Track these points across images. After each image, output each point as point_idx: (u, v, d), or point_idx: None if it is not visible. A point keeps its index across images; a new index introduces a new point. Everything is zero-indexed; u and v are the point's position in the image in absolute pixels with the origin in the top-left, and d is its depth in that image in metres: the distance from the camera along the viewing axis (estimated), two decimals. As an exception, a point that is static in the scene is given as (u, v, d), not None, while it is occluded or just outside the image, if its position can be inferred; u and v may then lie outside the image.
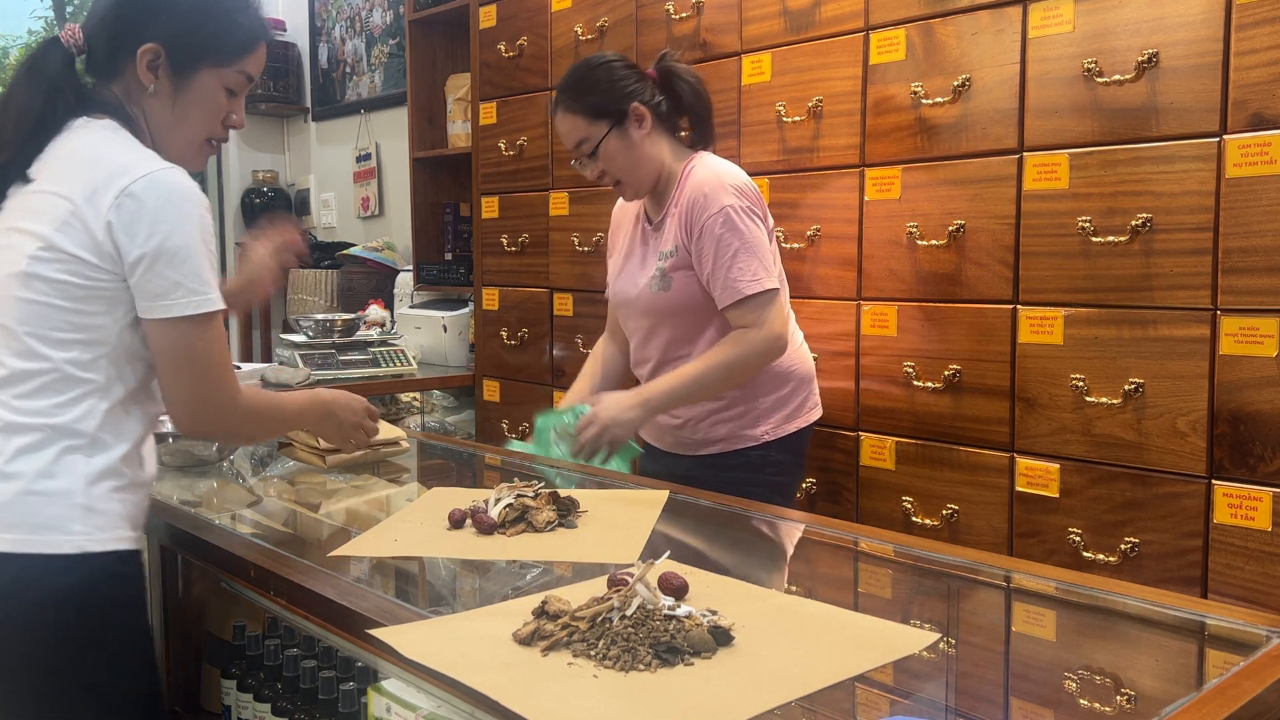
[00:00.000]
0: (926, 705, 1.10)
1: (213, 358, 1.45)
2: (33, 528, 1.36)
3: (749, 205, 2.09)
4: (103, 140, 1.47)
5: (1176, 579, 1.94)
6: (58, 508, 1.37)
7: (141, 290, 1.41)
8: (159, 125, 1.54)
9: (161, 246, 1.39)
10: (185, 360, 1.44)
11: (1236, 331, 1.86)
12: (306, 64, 5.26)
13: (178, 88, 1.53)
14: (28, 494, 1.37)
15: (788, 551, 1.72)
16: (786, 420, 2.20)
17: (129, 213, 1.39)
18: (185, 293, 1.41)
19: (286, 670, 1.61)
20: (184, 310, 1.41)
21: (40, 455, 1.38)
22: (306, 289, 4.58)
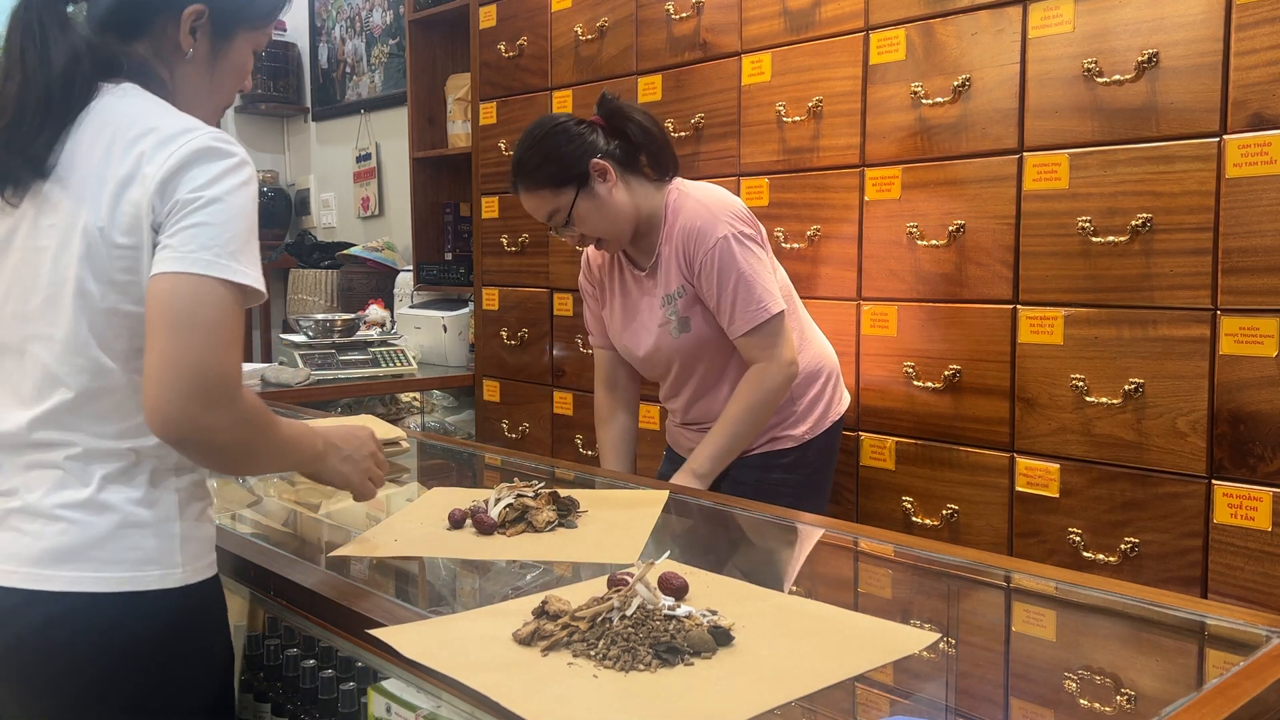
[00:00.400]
0: (926, 705, 1.10)
1: (220, 330, 1.17)
2: (135, 563, 1.23)
3: (741, 231, 2.06)
4: (138, 107, 1.27)
5: (1176, 579, 1.94)
6: (158, 540, 1.25)
7: (160, 245, 1.19)
8: (191, 92, 1.36)
9: (193, 194, 1.19)
10: (185, 323, 1.16)
11: (1236, 331, 1.86)
12: (306, 64, 5.26)
13: (216, 52, 1.37)
14: (127, 527, 1.23)
15: (787, 551, 1.72)
16: (822, 417, 2.21)
17: (173, 167, 1.20)
18: (214, 253, 1.17)
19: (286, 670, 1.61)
20: (201, 268, 1.17)
21: (132, 483, 1.25)
22: (306, 289, 4.58)
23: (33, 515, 1.23)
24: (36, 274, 1.24)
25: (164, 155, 1.20)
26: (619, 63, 2.94)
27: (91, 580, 1.21)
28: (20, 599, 1.21)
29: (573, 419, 3.15)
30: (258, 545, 1.60)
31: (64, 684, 1.23)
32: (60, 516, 1.22)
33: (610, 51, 2.96)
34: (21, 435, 1.25)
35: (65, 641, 1.21)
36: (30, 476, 1.24)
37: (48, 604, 1.21)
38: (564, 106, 3.11)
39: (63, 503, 1.23)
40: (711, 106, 2.70)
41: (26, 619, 1.21)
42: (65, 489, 1.23)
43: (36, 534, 1.22)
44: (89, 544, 1.22)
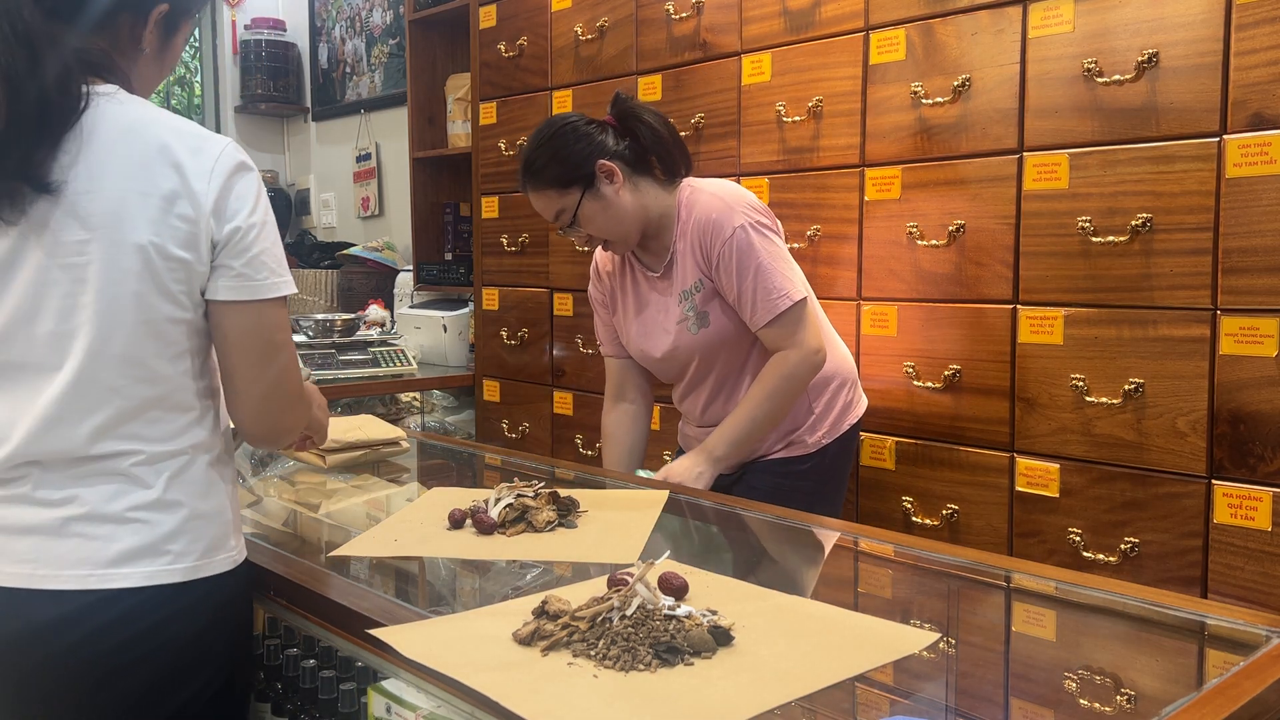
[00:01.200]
0: (926, 705, 1.10)
1: (291, 343, 1.35)
2: (203, 552, 1.31)
3: (758, 220, 2.05)
4: (148, 116, 1.28)
5: (1176, 579, 1.94)
6: (219, 527, 1.33)
7: (227, 269, 1.27)
8: (143, 84, 1.37)
9: (250, 221, 1.28)
10: (269, 349, 1.31)
11: (1236, 331, 1.86)
12: (306, 64, 5.26)
13: (164, 46, 1.38)
14: (194, 519, 1.30)
15: (787, 551, 1.72)
16: (838, 421, 2.19)
17: (224, 187, 1.26)
18: (269, 273, 1.29)
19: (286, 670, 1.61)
20: (271, 292, 1.29)
21: (192, 478, 1.31)
22: (306, 289, 4.58)
23: (101, 520, 1.26)
24: (71, 292, 1.22)
25: (204, 169, 1.25)
26: (619, 63, 2.94)
27: (168, 573, 1.28)
28: (95, 599, 1.25)
29: (573, 419, 3.15)
30: (258, 545, 1.60)
31: (142, 672, 1.28)
32: (132, 519, 1.27)
33: (610, 51, 2.96)
34: (79, 449, 1.26)
35: (146, 631, 1.27)
36: (91, 485, 1.26)
37: (127, 599, 1.26)
38: (564, 106, 3.11)
39: (132, 505, 1.27)
40: (711, 106, 2.70)
41: (105, 616, 1.25)
42: (132, 493, 1.28)
43: (108, 537, 1.26)
44: (162, 539, 1.28)
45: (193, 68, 5.51)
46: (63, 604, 1.23)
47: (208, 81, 5.36)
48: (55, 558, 1.24)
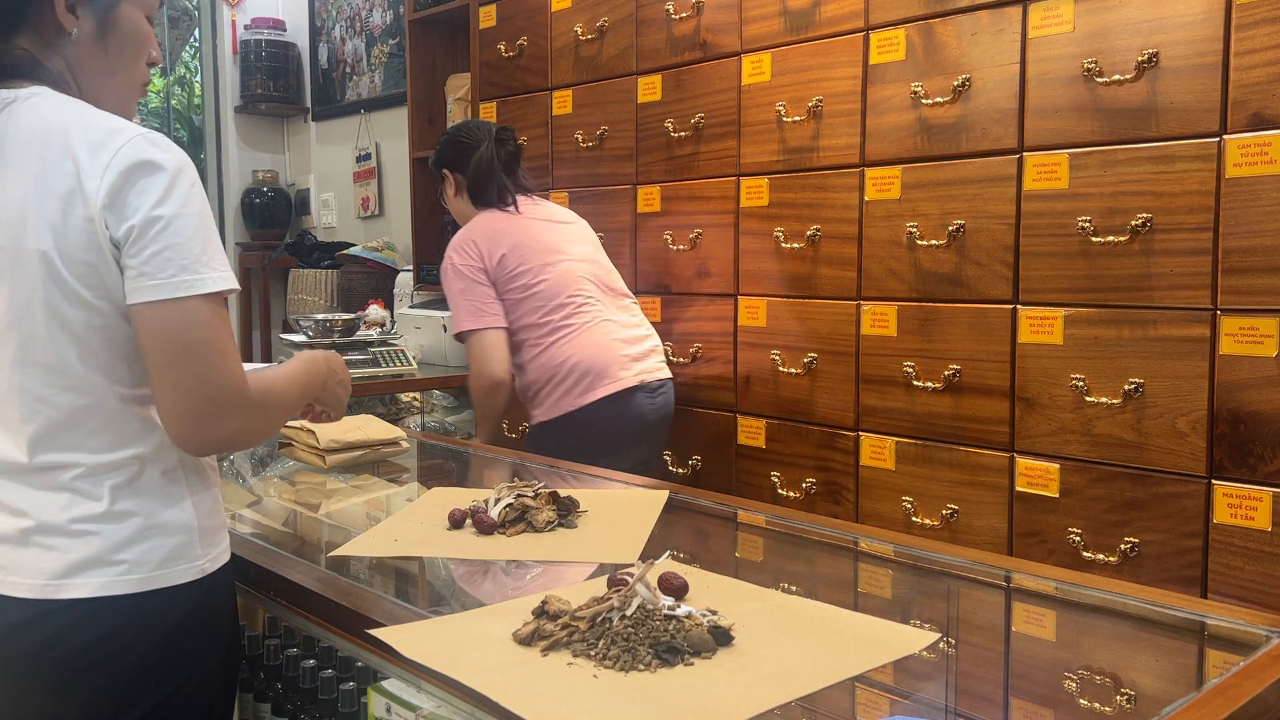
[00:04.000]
0: (926, 705, 1.10)
1: (215, 344, 1.22)
2: (160, 563, 1.27)
3: (461, 261, 2.65)
4: (56, 113, 1.23)
5: (1176, 579, 1.94)
6: (180, 537, 1.29)
7: (129, 269, 1.20)
8: (91, 76, 1.31)
9: (150, 215, 1.19)
10: (183, 351, 1.21)
11: (1236, 331, 1.86)
12: (306, 64, 5.26)
13: (103, 26, 1.30)
14: (149, 529, 1.27)
15: (788, 551, 1.72)
16: (552, 407, 2.63)
17: (116, 183, 1.19)
18: (178, 269, 1.20)
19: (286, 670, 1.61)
20: (180, 290, 1.20)
21: (144, 488, 1.27)
22: (306, 289, 4.58)
23: (52, 532, 1.25)
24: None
25: (100, 166, 1.19)
26: (619, 63, 2.94)
27: (120, 583, 1.25)
28: (51, 607, 1.24)
29: (573, 419, 3.15)
30: (258, 545, 1.60)
31: (98, 679, 1.25)
32: (82, 531, 1.25)
33: (610, 51, 2.96)
34: (22, 461, 1.26)
35: (100, 639, 1.24)
36: (40, 498, 1.26)
37: (79, 608, 1.24)
38: (564, 106, 3.11)
39: (79, 517, 1.25)
40: (711, 106, 2.70)
41: (59, 623, 1.24)
42: (78, 505, 1.25)
43: (62, 548, 1.25)
44: (114, 549, 1.25)
45: (193, 68, 5.52)
46: (25, 610, 1.24)
47: (208, 81, 5.36)
48: (20, 565, 1.25)
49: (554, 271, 2.66)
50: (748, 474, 2.65)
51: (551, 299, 2.66)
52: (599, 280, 2.73)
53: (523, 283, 2.66)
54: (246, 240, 5.33)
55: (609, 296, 2.73)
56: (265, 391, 1.31)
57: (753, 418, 2.64)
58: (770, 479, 2.59)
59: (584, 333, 2.66)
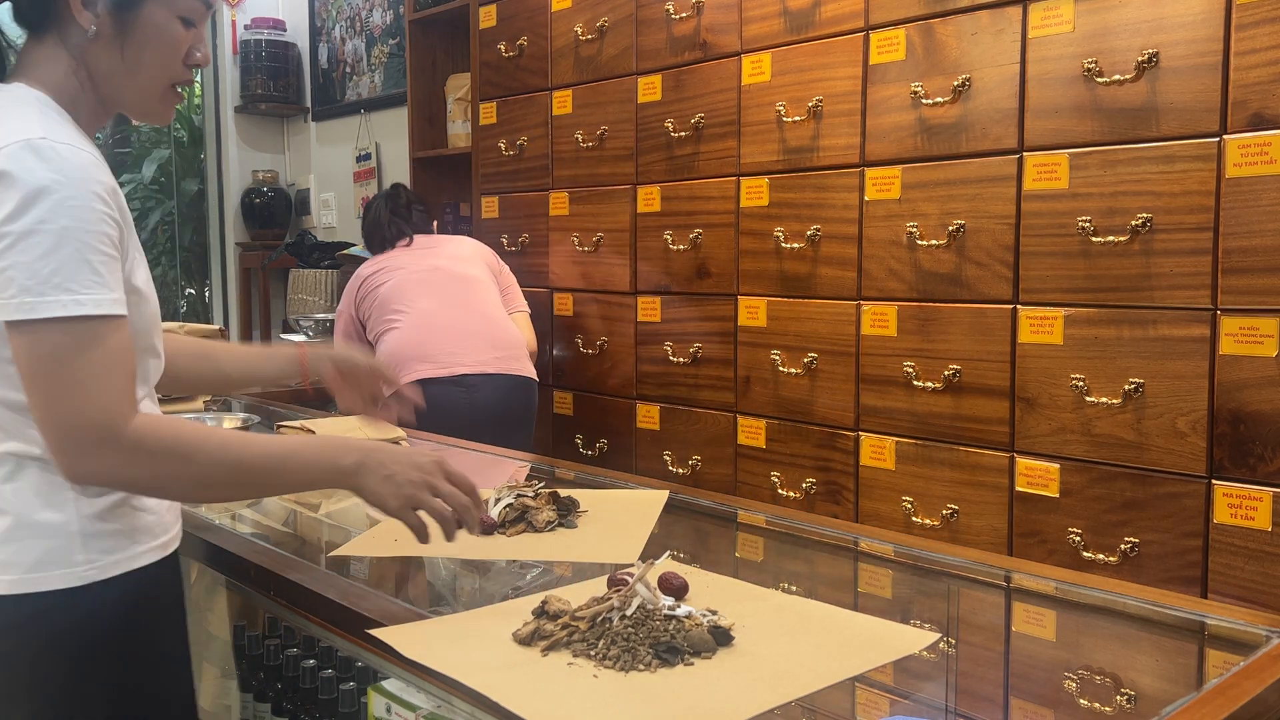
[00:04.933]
0: (926, 705, 1.10)
1: (64, 372, 1.12)
2: (31, 565, 1.20)
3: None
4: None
5: (1176, 579, 1.94)
6: (55, 540, 1.21)
7: None
8: (108, 75, 1.28)
9: (2, 230, 1.12)
10: (28, 376, 1.14)
11: (1236, 331, 1.86)
12: (306, 64, 5.26)
13: (122, 26, 1.26)
14: (20, 529, 1.20)
15: (788, 551, 1.72)
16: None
17: None
18: (17, 290, 1.11)
19: (286, 670, 1.61)
20: (13, 313, 1.12)
21: (20, 486, 1.21)
22: (306, 289, 4.58)
23: None
24: None
25: None
26: (619, 63, 2.94)
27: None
28: None
29: (572, 419, 3.15)
30: (258, 545, 1.60)
31: None
32: None
33: (610, 51, 2.97)
34: None
35: None
36: None
37: None
38: (564, 106, 3.11)
39: None
40: (711, 106, 2.70)
41: None
42: None
43: None
44: None
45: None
46: None
47: (208, 81, 5.36)
48: None
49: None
50: (748, 474, 2.65)
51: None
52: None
53: None
54: (246, 240, 5.33)
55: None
56: (164, 440, 1.17)
57: (753, 418, 2.64)
58: (770, 479, 2.59)
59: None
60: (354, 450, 1.25)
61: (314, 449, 1.27)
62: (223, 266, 5.43)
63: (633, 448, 2.94)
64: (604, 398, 3.05)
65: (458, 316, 2.90)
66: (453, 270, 3.01)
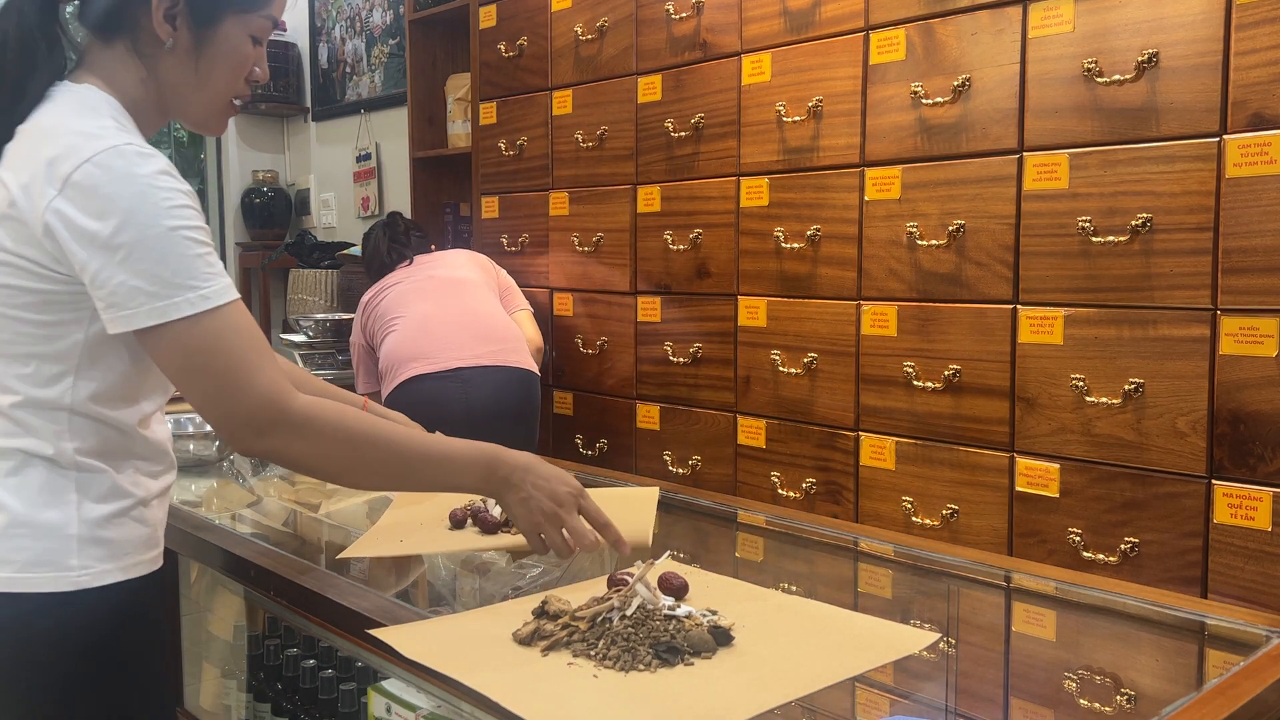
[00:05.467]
0: (926, 705, 1.10)
1: (216, 362, 1.17)
2: (23, 565, 1.19)
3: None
4: (61, 112, 1.22)
5: (1176, 579, 1.94)
6: (50, 542, 1.20)
7: (97, 300, 1.17)
8: (176, 85, 1.30)
9: (109, 243, 1.14)
10: (183, 373, 1.18)
11: (1236, 331, 1.86)
12: (306, 64, 5.26)
13: (200, 41, 1.29)
14: (16, 527, 1.20)
15: (788, 551, 1.72)
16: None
17: (70, 206, 1.15)
18: (145, 298, 1.15)
19: (286, 670, 1.61)
20: (146, 320, 1.15)
21: (22, 484, 1.21)
22: (306, 289, 4.58)
23: None
24: None
25: (59, 175, 1.16)
26: (619, 63, 2.94)
27: None
28: None
29: (573, 419, 3.15)
30: (258, 545, 1.60)
31: None
32: None
33: (610, 51, 2.97)
34: None
35: None
36: None
37: None
38: (564, 106, 3.11)
39: None
40: (711, 106, 2.70)
41: None
42: None
43: None
44: None
45: (193, 68, 5.51)
46: None
47: (208, 81, 5.36)
48: None
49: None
50: (748, 474, 2.65)
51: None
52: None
53: None
54: (246, 240, 5.33)
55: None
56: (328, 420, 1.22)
57: (753, 418, 2.64)
58: (770, 479, 2.59)
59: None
60: (506, 465, 1.31)
61: (472, 455, 1.31)
62: (223, 266, 5.42)
63: (633, 448, 2.94)
64: (604, 398, 3.05)
65: (451, 315, 2.92)
66: (446, 276, 3.04)
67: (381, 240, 3.21)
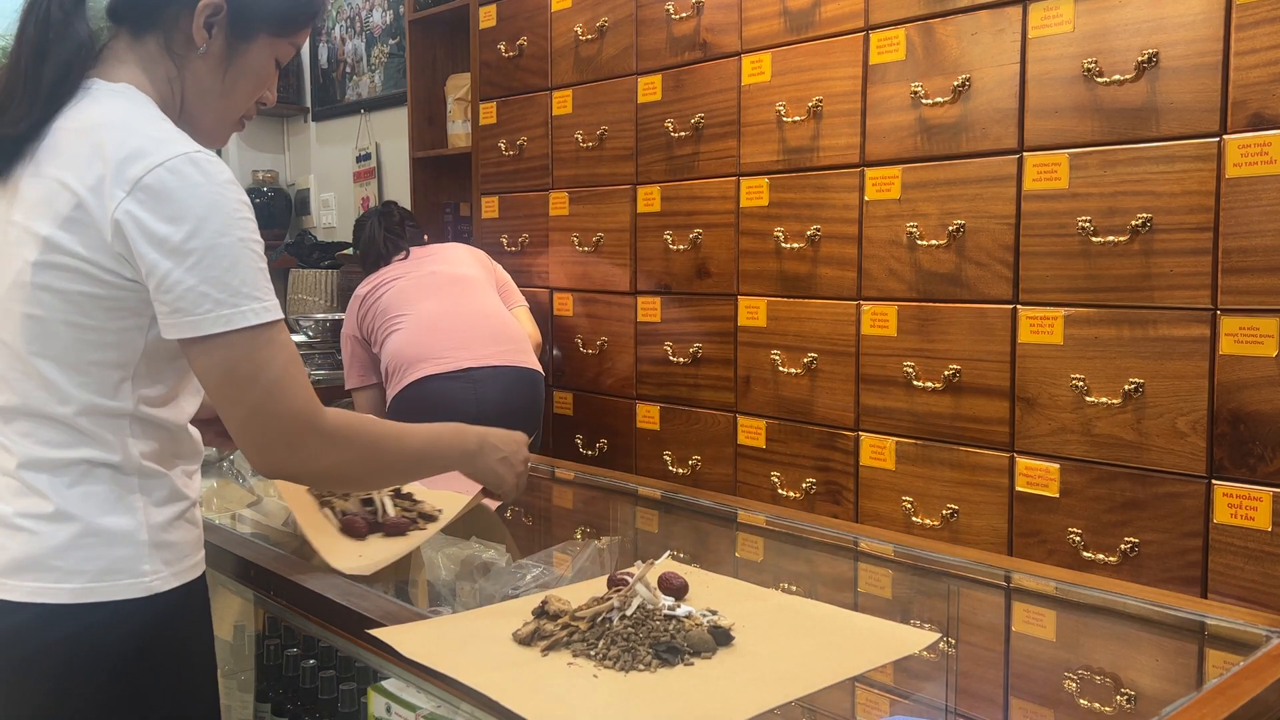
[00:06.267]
0: (926, 705, 1.10)
1: (265, 374, 1.19)
2: (99, 574, 1.20)
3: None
4: (117, 112, 1.22)
5: (1176, 579, 1.94)
6: (124, 549, 1.21)
7: (160, 304, 1.17)
8: (199, 91, 1.31)
9: (181, 248, 1.15)
10: (228, 383, 1.19)
11: (1236, 331, 1.86)
12: (306, 64, 5.26)
13: (232, 52, 1.30)
14: (88, 536, 1.20)
15: (788, 551, 1.72)
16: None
17: (141, 209, 1.15)
18: (212, 304, 1.16)
19: (287, 670, 1.61)
20: (212, 327, 1.16)
21: (91, 492, 1.21)
22: (306, 289, 4.58)
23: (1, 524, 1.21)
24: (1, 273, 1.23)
25: (129, 178, 1.16)
26: (619, 63, 2.94)
27: (53, 591, 1.19)
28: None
29: (573, 419, 3.15)
30: (258, 545, 1.60)
31: (31, 695, 1.20)
32: (22, 527, 1.20)
33: (610, 51, 2.97)
34: None
35: (33, 653, 1.19)
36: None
37: (13, 614, 1.19)
38: (564, 106, 3.11)
39: (23, 512, 1.20)
40: (711, 106, 2.70)
41: (3, 625, 1.19)
42: (24, 498, 1.21)
43: (2, 545, 1.20)
44: (50, 554, 1.19)
45: (193, 68, 5.52)
46: None
47: (208, 81, 5.36)
48: None
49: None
50: (748, 474, 2.65)
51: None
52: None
53: None
54: (246, 240, 5.33)
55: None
56: (354, 430, 1.28)
57: (753, 418, 2.64)
58: (770, 479, 2.59)
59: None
60: (473, 436, 1.47)
61: (448, 437, 1.45)
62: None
63: (633, 448, 2.94)
64: (604, 398, 3.05)
65: (458, 314, 2.90)
66: (449, 272, 3.02)
67: (377, 230, 3.16)
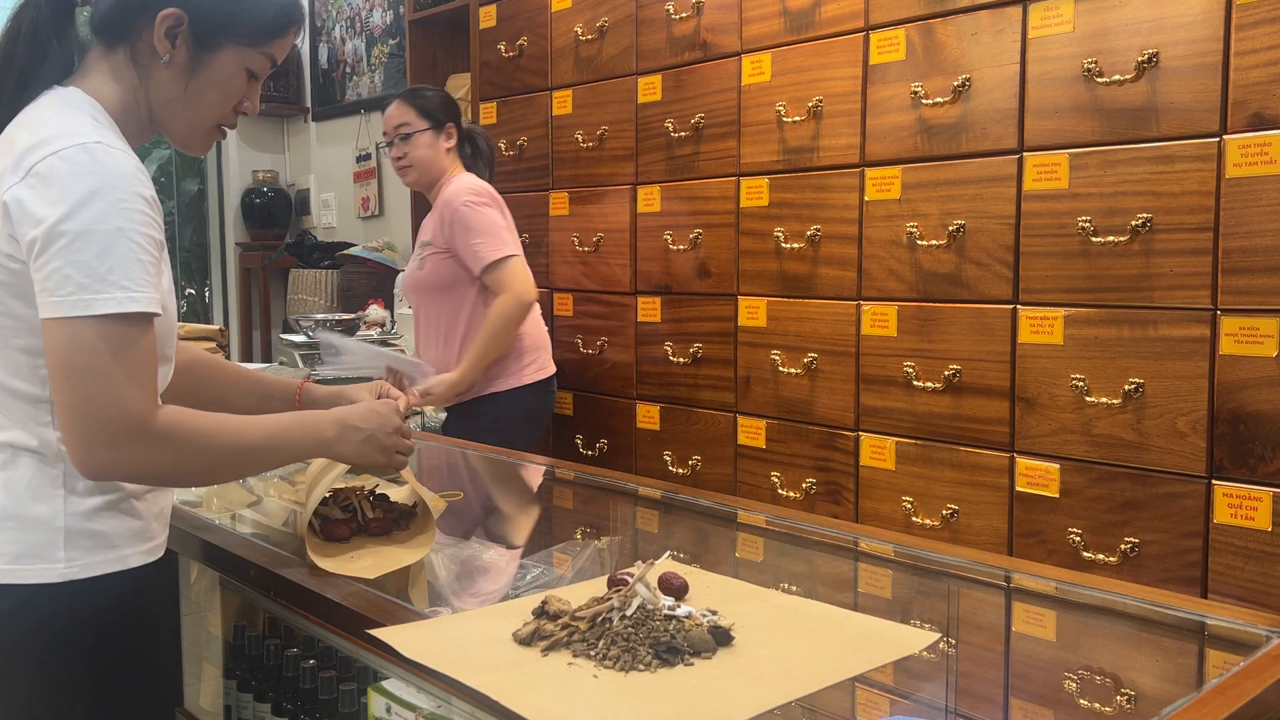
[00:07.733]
0: (926, 705, 1.10)
1: (103, 367, 1.16)
2: (14, 556, 1.22)
3: (479, 200, 2.79)
4: (46, 111, 1.25)
5: (1176, 579, 1.94)
6: (38, 534, 1.23)
7: (35, 285, 1.18)
8: (164, 100, 1.33)
9: (54, 229, 1.15)
10: (64, 370, 1.16)
11: (1236, 331, 1.86)
12: (306, 64, 5.26)
13: (196, 62, 1.32)
14: (4, 520, 1.22)
15: (788, 551, 1.72)
16: (516, 377, 2.85)
17: (29, 191, 1.17)
18: (74, 287, 1.15)
19: (286, 670, 1.61)
20: (66, 310, 1.15)
21: (11, 478, 1.24)
22: (306, 289, 4.58)
23: None
24: None
25: (25, 166, 1.19)
26: (619, 63, 2.94)
27: None
28: None
29: (573, 419, 3.15)
30: (258, 545, 1.60)
31: None
32: None
33: (610, 51, 2.97)
34: None
35: None
36: None
37: None
38: (564, 107, 3.11)
39: None
40: (711, 106, 2.70)
41: None
42: None
43: None
44: None
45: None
46: None
47: (208, 81, 5.36)
48: None
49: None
50: (748, 474, 2.65)
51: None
52: None
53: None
54: (246, 240, 5.33)
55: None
56: (186, 429, 1.24)
57: (753, 418, 2.64)
58: (770, 479, 2.59)
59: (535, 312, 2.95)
60: (331, 423, 1.41)
61: (301, 427, 1.39)
62: (223, 267, 5.43)
63: (633, 448, 2.94)
64: (604, 398, 3.05)
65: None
66: None
67: (483, 144, 3.05)
